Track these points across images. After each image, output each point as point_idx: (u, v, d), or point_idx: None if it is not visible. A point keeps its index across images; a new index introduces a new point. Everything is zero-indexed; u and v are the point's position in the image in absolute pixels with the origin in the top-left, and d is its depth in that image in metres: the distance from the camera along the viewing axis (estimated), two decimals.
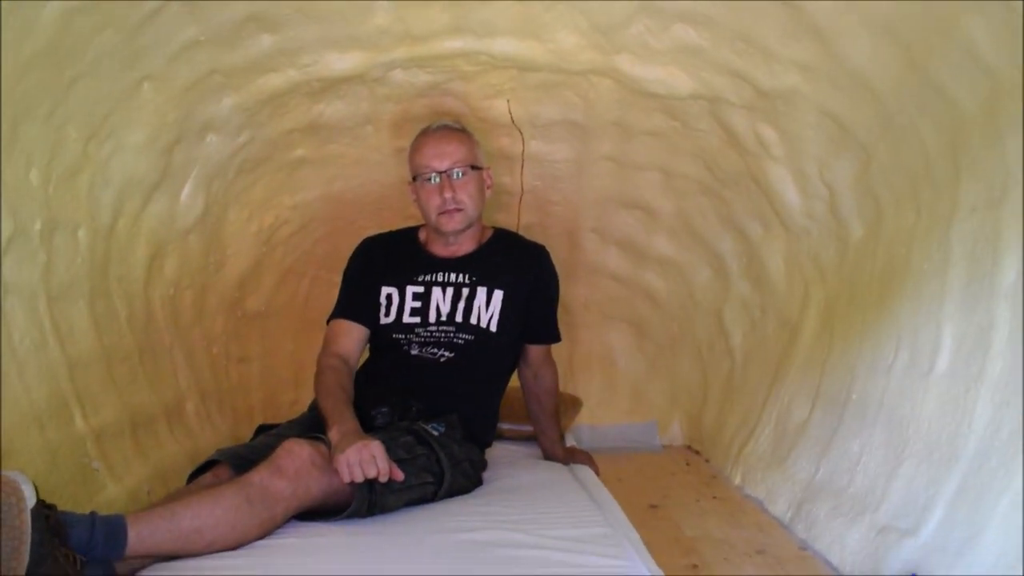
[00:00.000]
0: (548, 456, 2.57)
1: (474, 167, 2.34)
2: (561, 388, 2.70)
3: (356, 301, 2.39)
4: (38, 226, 1.94)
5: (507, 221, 3.21)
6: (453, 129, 2.37)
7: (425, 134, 2.37)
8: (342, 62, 2.39)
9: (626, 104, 2.61)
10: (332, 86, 2.52)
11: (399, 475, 1.79)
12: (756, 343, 3.12)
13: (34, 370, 1.91)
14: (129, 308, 2.40)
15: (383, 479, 1.74)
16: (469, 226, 2.37)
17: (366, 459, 1.72)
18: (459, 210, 2.30)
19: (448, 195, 2.28)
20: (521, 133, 2.83)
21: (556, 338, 2.53)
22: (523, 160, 2.97)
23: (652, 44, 2.27)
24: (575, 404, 3.41)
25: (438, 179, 2.29)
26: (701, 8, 2.09)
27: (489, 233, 2.48)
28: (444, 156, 2.29)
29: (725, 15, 2.10)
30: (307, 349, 3.73)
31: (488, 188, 2.43)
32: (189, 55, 2.17)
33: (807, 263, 2.68)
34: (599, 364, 3.94)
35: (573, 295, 3.74)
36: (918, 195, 2.02)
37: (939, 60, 1.78)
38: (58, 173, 2.00)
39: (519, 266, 2.41)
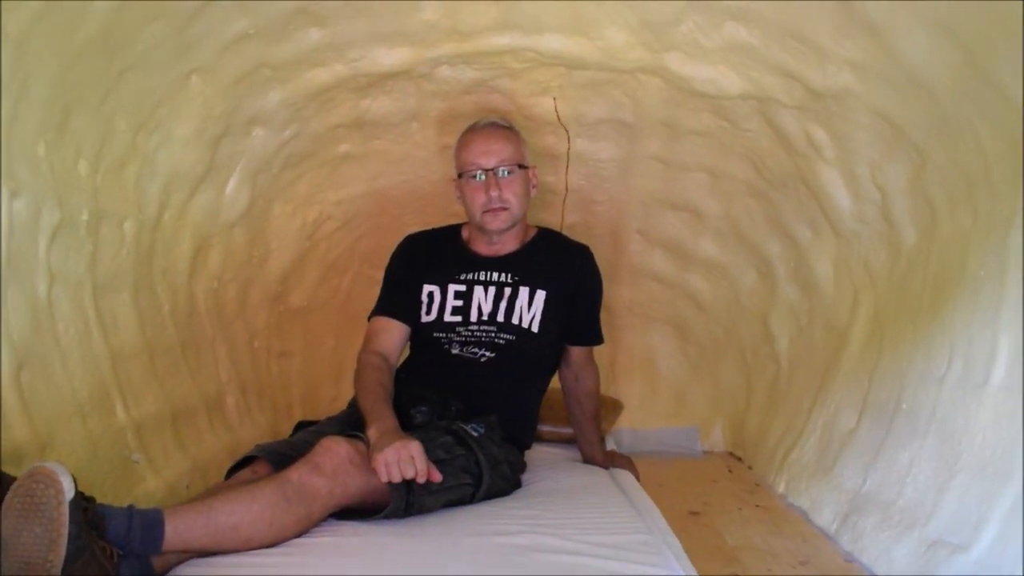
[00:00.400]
0: (588, 460, 2.54)
1: (521, 166, 2.32)
2: (602, 390, 2.67)
3: (398, 298, 2.38)
4: (85, 216, 1.95)
5: (551, 220, 3.19)
6: (501, 126, 2.35)
7: (472, 131, 2.35)
8: (389, 57, 2.39)
9: (674, 103, 2.58)
10: (378, 81, 2.52)
11: (437, 476, 1.77)
12: (802, 349, 3.05)
13: (78, 360, 1.92)
14: (173, 300, 2.41)
15: (421, 480, 1.72)
16: (513, 225, 2.35)
17: (404, 459, 1.70)
18: (504, 209, 2.28)
19: (494, 193, 2.26)
20: (567, 131, 2.81)
21: (599, 340, 2.50)
22: (568, 159, 2.94)
23: (702, 42, 2.23)
24: (616, 407, 3.38)
25: (484, 177, 2.27)
26: (753, 6, 2.05)
27: (533, 232, 2.46)
28: (491, 153, 2.27)
29: (777, 13, 2.05)
30: (348, 345, 3.75)
31: (533, 187, 2.40)
32: (238, 48, 2.18)
33: (857, 268, 2.62)
34: (641, 367, 3.90)
35: (616, 296, 3.70)
36: (975, 199, 1.95)
37: (999, 59, 1.71)
38: (106, 164, 2.01)
39: (562, 266, 2.39)
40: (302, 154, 2.78)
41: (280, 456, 1.83)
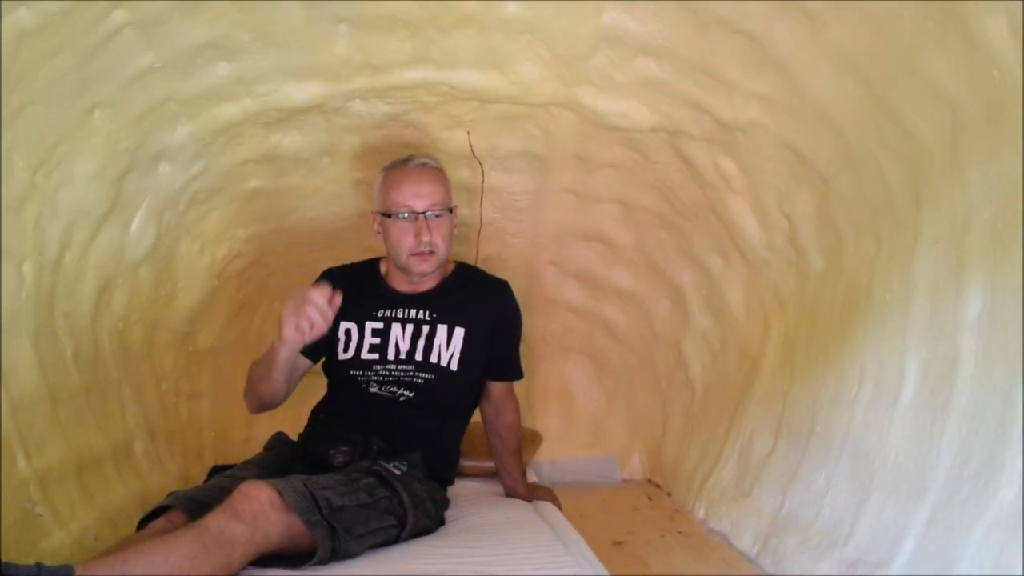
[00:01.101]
0: (510, 493, 2.52)
1: (448, 209, 2.30)
2: (520, 422, 2.66)
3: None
4: None
5: (466, 253, 3.18)
6: (432, 167, 2.31)
7: (403, 170, 2.29)
8: (300, 92, 2.35)
9: (587, 136, 2.61)
10: (290, 116, 2.47)
11: (338, 299, 1.89)
12: (716, 375, 3.11)
13: None
14: (76, 344, 2.30)
15: (327, 314, 1.86)
16: (438, 267, 2.34)
17: (301, 309, 1.86)
18: (432, 253, 2.26)
19: (425, 238, 2.23)
20: (481, 165, 2.81)
21: (519, 375, 2.49)
22: (482, 192, 2.94)
23: (614, 76, 2.27)
24: (535, 438, 3.37)
25: (414, 219, 2.24)
26: (663, 41, 2.10)
27: (451, 268, 2.45)
28: (422, 196, 2.24)
29: (687, 48, 2.11)
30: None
31: (455, 227, 2.39)
32: (144, 82, 2.11)
33: (767, 295, 2.68)
34: (558, 397, 3.91)
35: (532, 327, 3.70)
36: (879, 227, 2.03)
37: (900, 93, 1.80)
38: (3, 204, 1.91)
39: (481, 302, 2.38)
40: (210, 190, 2.70)
41: (195, 504, 1.75)
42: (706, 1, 1.92)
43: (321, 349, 2.31)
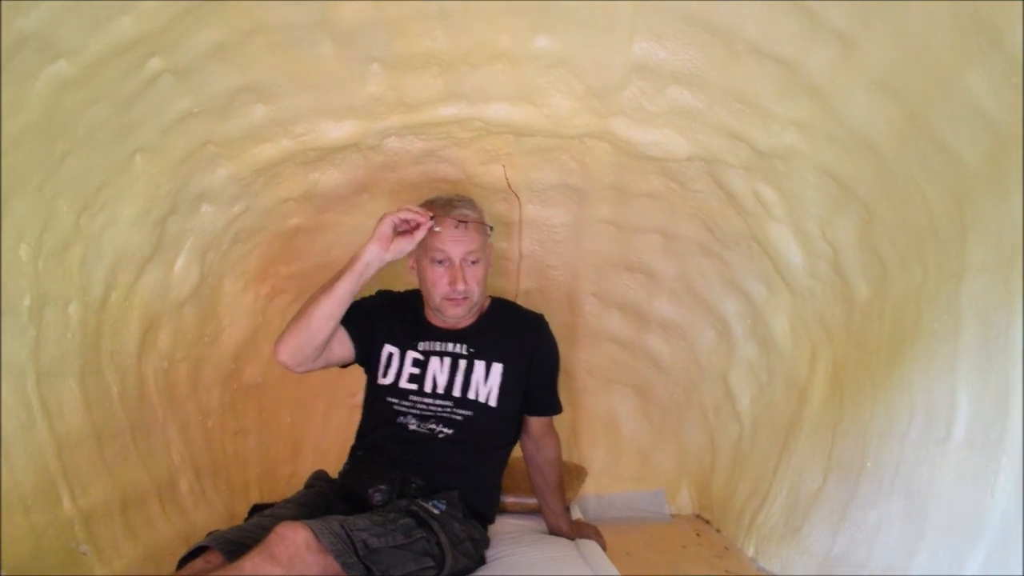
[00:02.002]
0: (553, 530, 2.48)
1: (486, 254, 2.32)
2: (564, 456, 2.63)
3: (359, 320, 2.32)
4: (27, 302, 1.91)
5: (505, 287, 3.17)
6: (473, 218, 2.29)
7: (443, 217, 2.26)
8: (337, 131, 2.38)
9: (623, 167, 2.59)
10: (327, 155, 2.51)
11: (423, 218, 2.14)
12: (764, 407, 3.04)
13: (20, 451, 1.85)
14: (121, 383, 2.34)
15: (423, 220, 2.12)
16: (471, 312, 2.34)
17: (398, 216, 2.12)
18: (466, 299, 2.27)
19: (460, 287, 2.23)
20: (518, 198, 2.81)
21: (557, 409, 2.47)
22: (520, 225, 2.94)
23: (647, 107, 2.26)
24: (579, 473, 3.33)
25: (450, 265, 2.25)
26: (695, 69, 2.08)
27: (487, 304, 2.44)
28: (462, 243, 2.24)
29: (719, 76, 2.09)
30: (305, 420, 3.68)
31: (490, 266, 2.39)
32: (182, 126, 2.17)
33: (813, 324, 2.63)
34: (603, 430, 3.86)
35: (575, 360, 3.68)
36: (924, 253, 1.97)
37: (939, 114, 1.75)
38: (48, 247, 1.97)
39: (518, 337, 2.37)
40: (252, 229, 2.74)
41: (233, 544, 1.76)
42: (736, 29, 1.90)
43: (364, 347, 2.33)
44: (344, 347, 2.30)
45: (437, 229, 2.19)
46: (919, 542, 1.83)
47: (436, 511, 1.98)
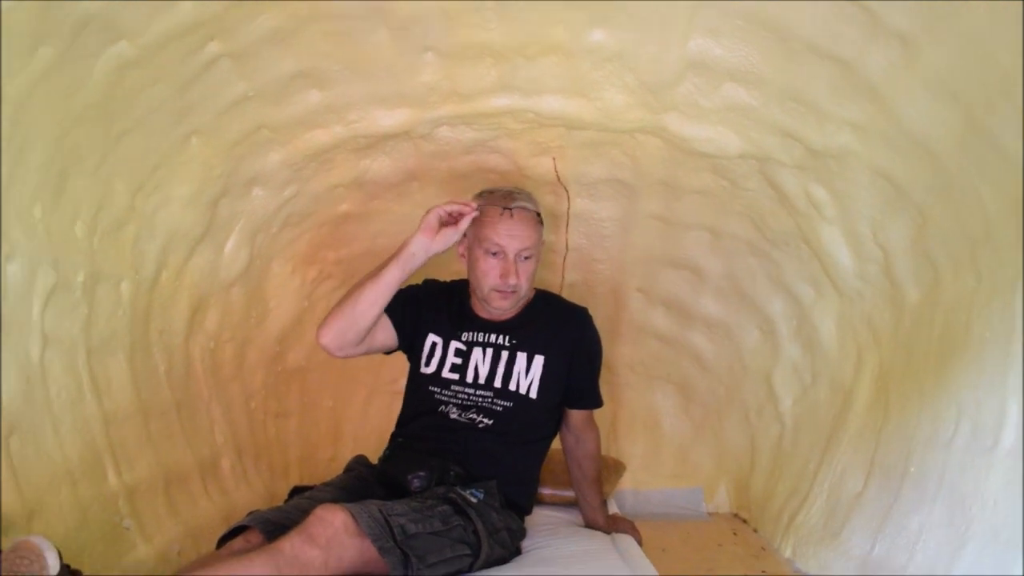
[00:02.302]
0: (590, 524, 2.48)
1: (538, 251, 2.31)
2: (604, 451, 2.63)
3: (404, 310, 2.33)
4: (81, 278, 1.94)
5: (551, 279, 3.17)
6: (530, 211, 2.27)
7: (502, 209, 2.24)
8: (389, 119, 2.40)
9: (674, 163, 2.58)
10: (378, 142, 2.52)
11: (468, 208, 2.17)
12: (807, 409, 3.01)
13: (69, 425, 1.89)
14: (168, 361, 2.39)
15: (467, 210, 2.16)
16: (517, 305, 2.33)
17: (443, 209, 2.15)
18: (514, 292, 2.25)
19: (512, 281, 2.22)
20: (567, 191, 2.81)
21: (598, 403, 2.46)
22: (568, 218, 2.94)
23: (701, 103, 2.24)
24: (618, 468, 3.32)
25: (504, 258, 2.23)
26: (751, 67, 2.06)
27: (531, 295, 2.44)
28: (518, 239, 2.22)
29: (776, 74, 2.06)
30: (346, 405, 3.72)
31: (539, 261, 2.37)
32: (238, 110, 2.19)
33: (861, 327, 2.59)
34: (643, 426, 3.85)
35: (618, 355, 3.67)
36: (978, 260, 1.93)
37: (999, 119, 1.71)
38: (103, 225, 2.01)
39: (561, 330, 2.36)
40: (302, 213, 2.77)
41: (273, 525, 1.78)
42: (795, 28, 1.88)
43: (407, 335, 2.34)
44: (387, 334, 2.31)
45: (478, 215, 2.22)
46: (961, 550, 1.81)
47: (474, 500, 1.99)
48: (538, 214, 2.31)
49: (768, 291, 3.04)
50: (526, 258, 2.24)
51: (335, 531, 1.62)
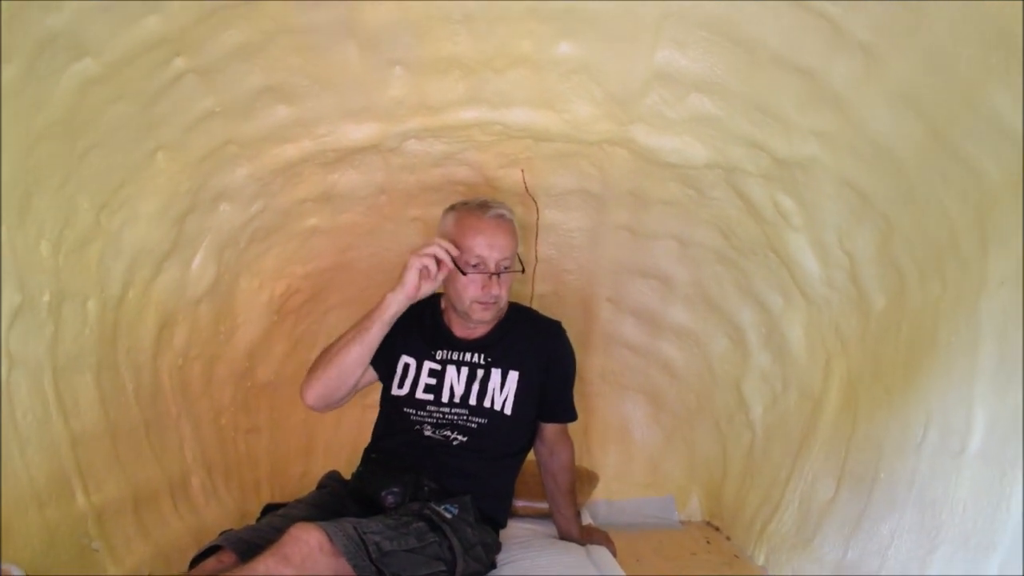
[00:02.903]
0: (564, 535, 2.48)
1: (515, 263, 2.29)
2: (577, 461, 2.63)
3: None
4: (46, 297, 1.91)
5: (521, 291, 3.17)
6: (508, 219, 2.26)
7: (480, 219, 2.23)
8: (358, 132, 2.39)
9: (641, 173, 2.59)
10: (347, 156, 2.51)
11: (452, 249, 2.14)
12: (777, 416, 3.04)
13: (36, 446, 1.86)
14: (136, 380, 2.36)
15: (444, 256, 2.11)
16: (497, 317, 2.33)
17: (427, 256, 2.09)
18: (495, 304, 2.24)
19: (495, 292, 2.21)
20: (536, 202, 2.81)
21: (572, 417, 2.46)
22: (537, 229, 2.94)
23: (667, 114, 2.26)
24: (591, 479, 3.33)
25: (485, 269, 2.21)
26: (717, 78, 2.08)
27: (505, 310, 2.43)
28: (498, 249, 2.20)
29: (741, 85, 2.08)
30: (317, 420, 3.69)
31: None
32: (204, 126, 2.17)
33: (829, 334, 2.62)
34: (615, 436, 3.86)
35: (588, 365, 3.68)
36: (943, 267, 1.96)
37: (962, 130, 1.74)
38: (68, 244, 1.98)
39: (535, 345, 2.36)
40: (269, 228, 2.75)
41: (246, 544, 1.76)
42: (759, 39, 1.90)
43: (383, 366, 2.33)
44: (368, 376, 2.31)
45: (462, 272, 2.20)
46: (932, 554, 1.84)
47: (448, 515, 1.98)
48: (514, 220, 2.30)
49: (737, 299, 3.07)
50: (506, 268, 2.23)
51: (310, 550, 1.60)
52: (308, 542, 1.61)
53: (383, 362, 2.32)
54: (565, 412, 2.44)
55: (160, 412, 2.50)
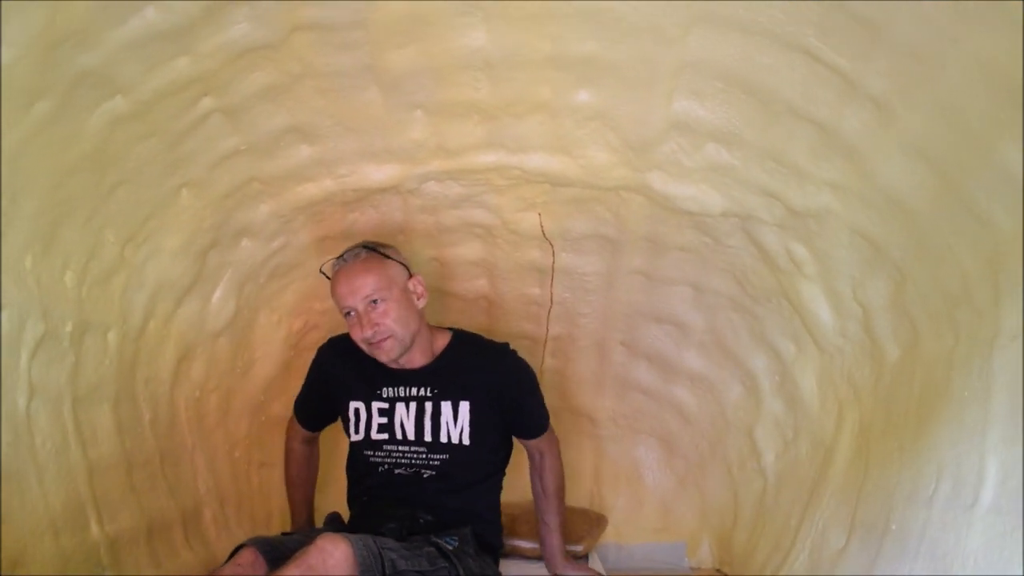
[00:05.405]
0: (545, 549, 2.50)
1: (392, 289, 2.25)
2: (587, 503, 2.64)
3: (310, 409, 2.55)
4: (69, 328, 1.95)
5: (536, 332, 3.20)
6: (363, 257, 2.27)
7: (336, 273, 2.28)
8: (378, 173, 2.43)
9: (657, 220, 2.62)
10: (367, 196, 2.56)
11: None
12: (789, 464, 3.02)
13: (53, 474, 1.89)
14: (154, 411, 2.39)
15: None
16: (406, 348, 2.28)
17: None
18: (388, 337, 2.22)
19: (368, 332, 2.19)
20: (552, 246, 2.84)
21: (545, 424, 2.46)
22: (553, 272, 2.97)
23: (684, 162, 2.29)
24: (600, 522, 3.32)
25: (355, 315, 2.23)
26: (733, 128, 2.11)
27: (446, 339, 2.41)
28: (355, 292, 2.21)
29: (756, 135, 2.11)
30: (329, 454, 3.67)
31: (420, 298, 2.32)
32: (229, 163, 2.23)
33: (841, 383, 2.62)
34: (626, 479, 3.84)
35: (600, 407, 3.68)
36: (956, 318, 1.97)
37: (975, 182, 1.76)
38: (93, 275, 2.02)
39: (482, 372, 2.34)
40: (289, 265, 2.80)
41: (271, 547, 1.81)
42: (774, 90, 1.93)
43: (334, 412, 2.50)
44: (323, 419, 2.57)
45: None
46: None
47: (450, 547, 1.99)
48: (377, 251, 2.28)
49: (750, 346, 3.07)
50: (374, 302, 2.20)
51: (336, 562, 1.64)
52: (333, 553, 1.66)
53: (335, 414, 2.43)
54: (537, 425, 2.44)
55: (175, 443, 2.53)
